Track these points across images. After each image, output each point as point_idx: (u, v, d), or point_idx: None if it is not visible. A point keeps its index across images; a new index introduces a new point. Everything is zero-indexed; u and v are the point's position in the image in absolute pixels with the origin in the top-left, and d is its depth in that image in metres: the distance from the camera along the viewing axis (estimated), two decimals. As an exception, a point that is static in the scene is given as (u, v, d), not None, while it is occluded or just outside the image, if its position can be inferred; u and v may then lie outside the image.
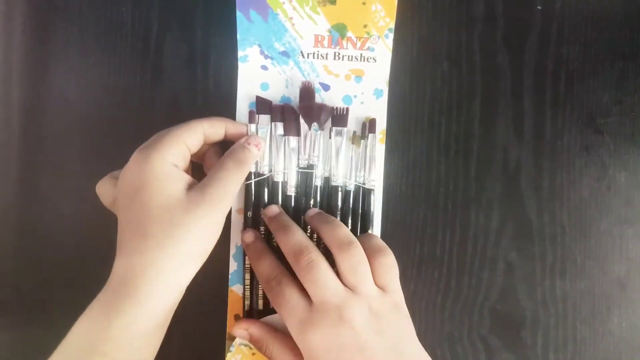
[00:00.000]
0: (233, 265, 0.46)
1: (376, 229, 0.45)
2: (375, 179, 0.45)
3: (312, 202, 0.44)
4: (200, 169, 0.43)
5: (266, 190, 0.44)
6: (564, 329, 0.46)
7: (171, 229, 0.35)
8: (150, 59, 0.46)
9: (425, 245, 0.46)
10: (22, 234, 0.48)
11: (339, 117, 0.44)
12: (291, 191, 0.44)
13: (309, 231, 0.44)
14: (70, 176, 0.47)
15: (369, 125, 0.44)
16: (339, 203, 0.44)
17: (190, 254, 0.36)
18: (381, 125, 0.45)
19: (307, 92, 0.45)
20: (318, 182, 0.44)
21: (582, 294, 0.46)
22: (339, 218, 0.44)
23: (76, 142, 0.47)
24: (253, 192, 0.44)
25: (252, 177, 0.44)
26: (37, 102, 0.47)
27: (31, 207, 0.47)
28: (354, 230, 0.44)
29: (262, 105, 0.44)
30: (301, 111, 0.44)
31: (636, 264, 0.46)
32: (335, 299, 0.37)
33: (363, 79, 0.45)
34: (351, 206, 0.44)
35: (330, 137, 0.44)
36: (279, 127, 0.44)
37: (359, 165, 0.45)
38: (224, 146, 0.42)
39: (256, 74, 0.45)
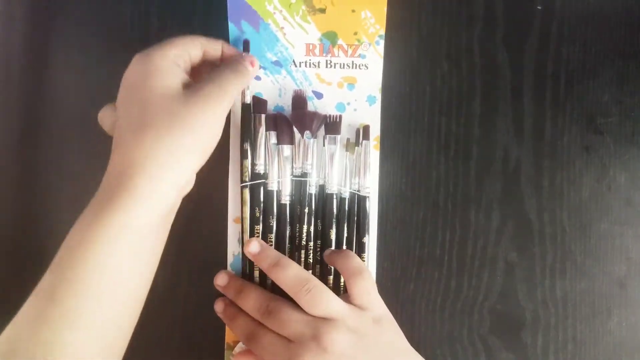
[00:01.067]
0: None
1: (372, 235, 0.45)
2: (370, 186, 0.45)
3: (306, 210, 0.44)
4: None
5: (262, 198, 0.44)
6: (564, 329, 0.46)
7: (170, 119, 0.34)
8: (150, 59, 0.46)
9: (425, 245, 0.46)
10: (21, 234, 0.48)
11: (331, 125, 0.44)
12: (285, 199, 0.44)
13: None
14: (70, 176, 0.47)
15: (363, 132, 0.44)
16: (334, 211, 0.44)
17: (191, 148, 0.35)
18: (375, 131, 0.45)
19: (299, 100, 0.45)
20: (312, 189, 0.44)
21: (582, 294, 0.46)
22: (334, 226, 0.44)
23: (76, 142, 0.47)
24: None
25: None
26: (37, 102, 0.47)
27: (31, 207, 0.48)
28: (349, 238, 0.45)
29: (258, 105, 0.45)
30: (293, 119, 0.44)
31: (636, 264, 0.46)
32: (309, 330, 0.37)
33: (356, 86, 0.45)
34: (346, 214, 0.44)
35: (324, 145, 0.44)
36: (273, 136, 0.44)
37: (353, 172, 0.45)
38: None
39: (250, 84, 0.45)
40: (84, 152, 0.47)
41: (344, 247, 0.44)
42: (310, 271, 0.45)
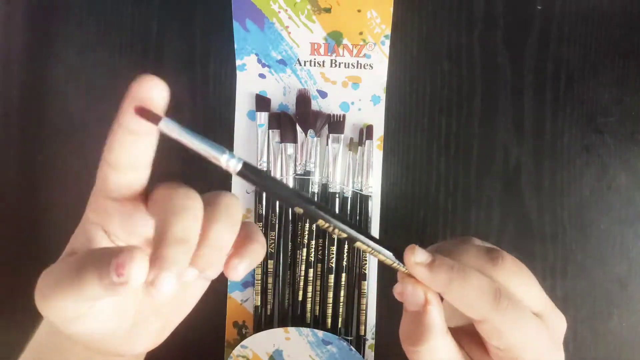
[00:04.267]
0: None
1: (374, 235, 0.45)
2: (373, 186, 0.45)
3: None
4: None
5: (264, 196, 0.45)
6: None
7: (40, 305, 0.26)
8: (150, 59, 0.46)
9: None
10: (21, 234, 0.48)
11: (335, 124, 0.44)
12: None
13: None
14: (70, 176, 0.47)
15: (366, 132, 0.45)
16: (337, 210, 0.44)
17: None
18: (379, 131, 0.45)
19: (303, 99, 0.45)
20: (315, 188, 0.44)
21: (582, 294, 0.46)
22: None
23: (76, 142, 0.47)
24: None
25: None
26: (37, 102, 0.47)
27: (31, 207, 0.47)
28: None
29: (261, 103, 0.45)
30: (297, 118, 0.44)
31: (636, 264, 0.46)
32: None
33: (360, 85, 0.45)
34: (349, 213, 0.44)
35: (327, 144, 0.45)
36: (276, 134, 0.44)
37: (356, 171, 0.45)
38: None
39: (254, 82, 0.45)
40: (83, 152, 0.47)
41: (346, 245, 0.44)
42: (312, 270, 0.45)
